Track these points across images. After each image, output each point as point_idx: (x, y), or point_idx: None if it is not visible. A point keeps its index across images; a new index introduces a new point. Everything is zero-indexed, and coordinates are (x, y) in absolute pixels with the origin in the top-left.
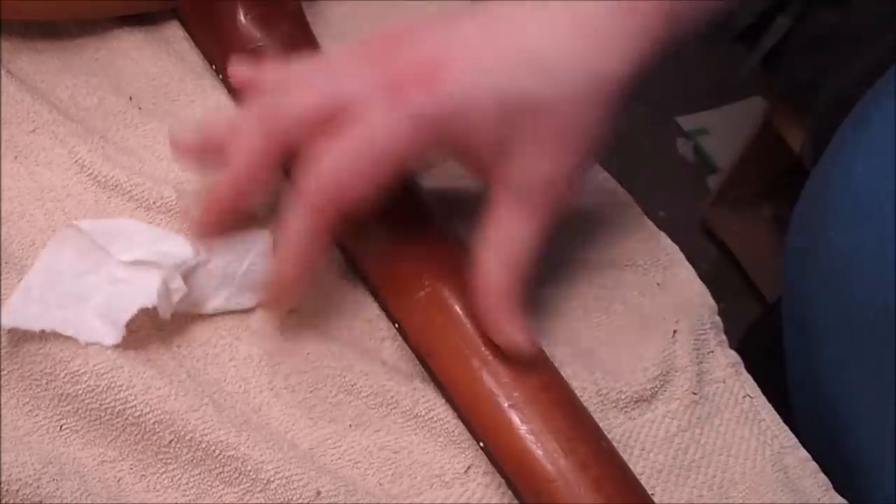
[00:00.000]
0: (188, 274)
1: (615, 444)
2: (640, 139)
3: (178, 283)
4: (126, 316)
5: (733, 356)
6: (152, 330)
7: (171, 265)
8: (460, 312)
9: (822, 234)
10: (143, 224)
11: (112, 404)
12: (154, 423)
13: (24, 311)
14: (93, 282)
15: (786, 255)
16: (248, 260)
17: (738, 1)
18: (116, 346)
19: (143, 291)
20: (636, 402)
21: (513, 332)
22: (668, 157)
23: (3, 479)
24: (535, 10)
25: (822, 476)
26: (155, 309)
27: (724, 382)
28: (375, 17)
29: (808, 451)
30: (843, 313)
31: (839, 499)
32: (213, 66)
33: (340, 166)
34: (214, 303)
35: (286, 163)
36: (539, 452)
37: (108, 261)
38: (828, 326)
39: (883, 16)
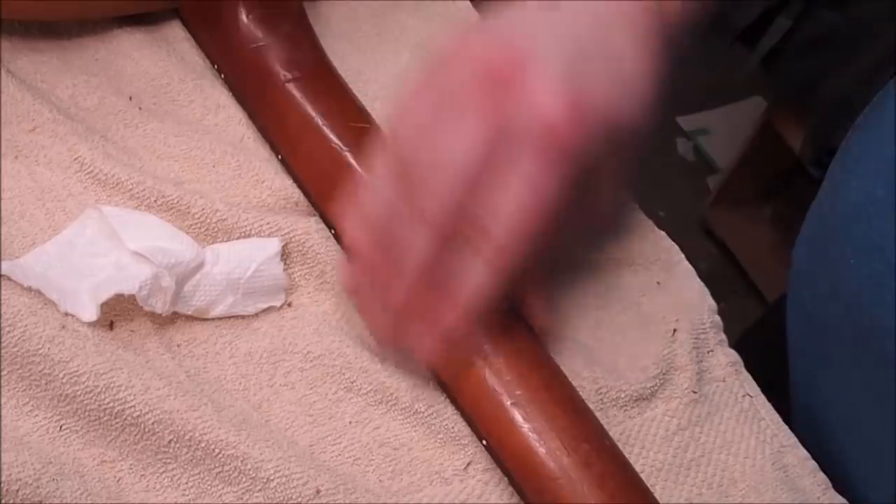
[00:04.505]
0: (187, 276)
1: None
2: None
3: (167, 282)
4: (104, 296)
5: (733, 355)
6: (152, 329)
7: (166, 263)
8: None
9: (840, 257)
10: (161, 220)
11: (111, 404)
12: (153, 423)
13: (24, 268)
14: (100, 263)
15: (793, 275)
16: (253, 267)
17: None
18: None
19: (130, 279)
20: (636, 400)
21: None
22: (668, 157)
23: (3, 479)
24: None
25: (821, 475)
26: (148, 304)
27: (723, 381)
28: (375, 17)
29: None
30: (857, 337)
31: (839, 498)
32: (215, 66)
33: (517, 223)
34: (218, 309)
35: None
36: (542, 450)
37: (120, 247)
38: (840, 350)
39: (883, 16)
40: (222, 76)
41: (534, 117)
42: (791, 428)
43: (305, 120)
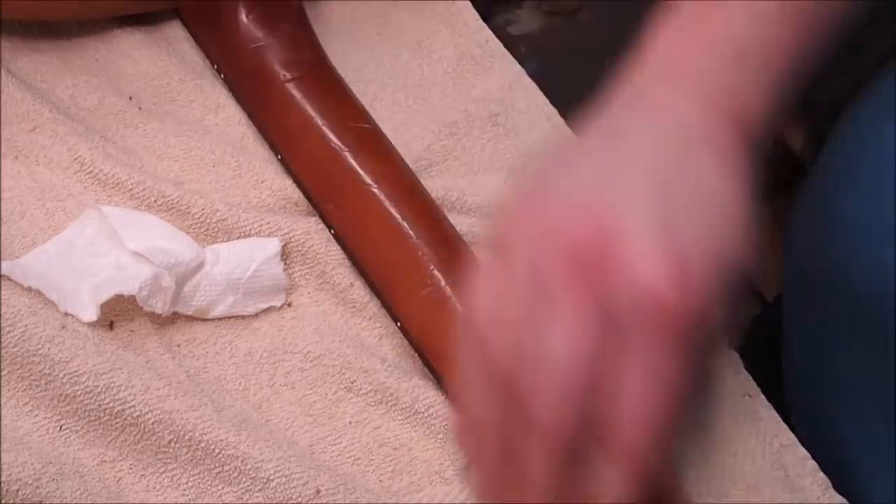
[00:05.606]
0: (187, 276)
1: None
2: None
3: (167, 282)
4: (104, 296)
5: (732, 355)
6: (152, 329)
7: (166, 263)
8: (462, 311)
9: (834, 232)
10: (161, 220)
11: (111, 405)
12: (153, 423)
13: (24, 268)
14: (100, 263)
15: (788, 256)
16: (253, 267)
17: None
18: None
19: (130, 280)
20: None
21: None
22: None
23: (3, 479)
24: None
25: (821, 475)
26: (148, 305)
27: (723, 381)
28: (375, 17)
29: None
30: (854, 312)
31: (838, 498)
32: (215, 66)
33: (648, 421)
34: (219, 309)
35: None
36: None
37: (120, 247)
38: (834, 329)
39: (882, 16)
40: (222, 76)
41: (639, 295)
42: (791, 428)
43: (305, 120)
